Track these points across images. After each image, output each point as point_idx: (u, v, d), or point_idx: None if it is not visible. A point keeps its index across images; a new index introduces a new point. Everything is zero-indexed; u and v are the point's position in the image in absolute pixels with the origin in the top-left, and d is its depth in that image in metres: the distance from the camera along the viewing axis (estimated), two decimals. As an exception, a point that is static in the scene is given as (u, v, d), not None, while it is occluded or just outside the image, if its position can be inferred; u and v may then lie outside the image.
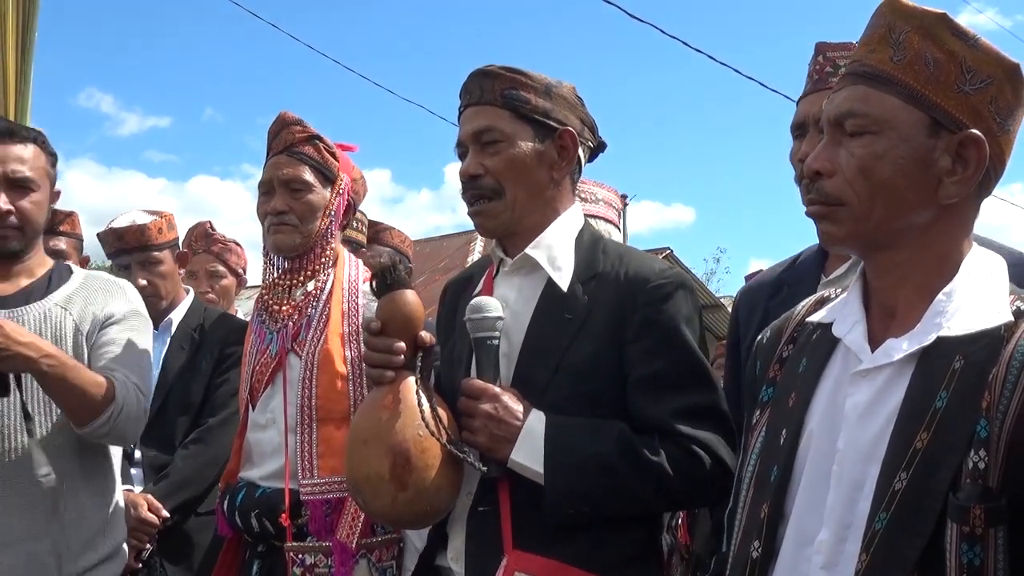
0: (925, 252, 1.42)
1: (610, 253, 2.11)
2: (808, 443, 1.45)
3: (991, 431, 1.25)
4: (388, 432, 1.93)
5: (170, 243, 3.67)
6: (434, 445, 1.93)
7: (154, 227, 3.63)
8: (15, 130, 2.59)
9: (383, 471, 1.91)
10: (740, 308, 2.42)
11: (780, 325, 1.67)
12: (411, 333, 2.01)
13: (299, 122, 2.65)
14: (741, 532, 1.53)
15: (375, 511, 2.00)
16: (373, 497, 1.95)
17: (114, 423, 2.40)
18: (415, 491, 1.92)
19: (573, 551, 1.93)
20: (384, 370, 1.99)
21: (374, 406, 2.00)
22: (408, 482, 1.91)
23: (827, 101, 1.48)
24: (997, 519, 1.22)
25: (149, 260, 3.57)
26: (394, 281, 2.02)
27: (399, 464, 1.91)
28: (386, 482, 1.91)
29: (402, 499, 1.92)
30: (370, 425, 1.97)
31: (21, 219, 2.52)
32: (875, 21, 1.46)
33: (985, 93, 1.39)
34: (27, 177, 2.53)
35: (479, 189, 2.09)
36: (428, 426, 1.93)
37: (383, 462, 1.91)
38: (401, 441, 1.92)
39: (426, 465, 1.92)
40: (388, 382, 1.99)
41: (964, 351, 1.32)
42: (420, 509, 1.95)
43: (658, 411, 1.97)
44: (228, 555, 2.64)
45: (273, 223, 2.56)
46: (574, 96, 2.17)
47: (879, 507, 1.30)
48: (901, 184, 1.39)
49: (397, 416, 1.94)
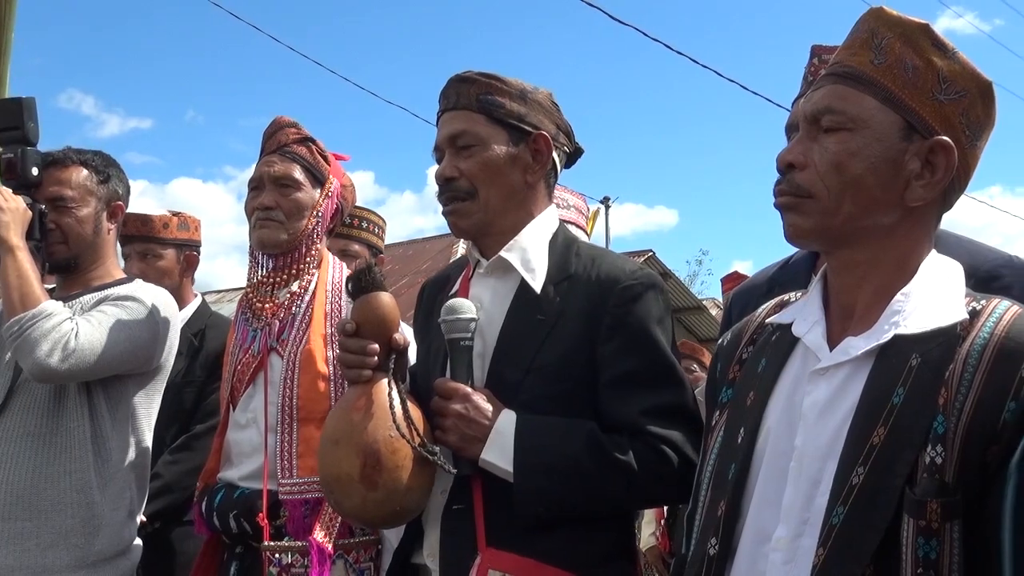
0: (887, 253, 1.43)
1: (583, 255, 2.11)
2: (766, 441, 1.45)
3: (948, 427, 1.25)
4: (359, 433, 1.93)
5: (177, 241, 3.66)
6: (405, 446, 1.93)
7: (159, 221, 3.63)
8: (60, 157, 2.78)
9: (354, 471, 1.91)
10: (732, 309, 2.43)
11: (741, 327, 1.67)
12: (385, 335, 2.01)
13: (294, 124, 2.67)
14: (699, 530, 1.53)
15: (346, 511, 2.00)
16: (344, 497, 1.95)
17: (28, 330, 2.44)
18: (385, 492, 1.92)
19: (547, 549, 1.92)
20: (359, 371, 1.99)
21: (346, 407, 2.00)
22: (378, 482, 1.91)
23: (805, 99, 1.49)
24: (953, 514, 1.23)
25: (148, 252, 3.57)
26: (369, 283, 2.02)
27: (370, 464, 1.91)
28: (356, 482, 1.91)
29: (372, 499, 1.92)
30: (342, 426, 1.97)
31: (64, 234, 2.71)
32: (859, 27, 1.48)
33: (958, 104, 1.41)
34: (66, 196, 2.72)
35: (453, 191, 2.10)
36: (399, 428, 1.93)
37: (354, 462, 1.92)
38: (372, 442, 1.92)
39: (396, 466, 1.92)
40: (362, 382, 1.99)
41: (921, 349, 1.32)
42: (390, 509, 1.95)
43: (627, 411, 1.97)
44: (206, 556, 2.62)
45: (260, 218, 2.56)
46: (550, 102, 2.19)
47: (836, 502, 1.30)
48: (871, 182, 1.40)
49: (369, 417, 1.94)
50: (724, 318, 2.47)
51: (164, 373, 2.77)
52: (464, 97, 2.11)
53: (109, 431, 2.60)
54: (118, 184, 2.81)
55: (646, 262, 18.73)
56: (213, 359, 3.41)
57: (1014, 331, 1.29)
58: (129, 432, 2.65)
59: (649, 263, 19.04)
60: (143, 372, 2.68)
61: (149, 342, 2.63)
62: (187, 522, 3.15)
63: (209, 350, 3.46)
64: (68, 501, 2.53)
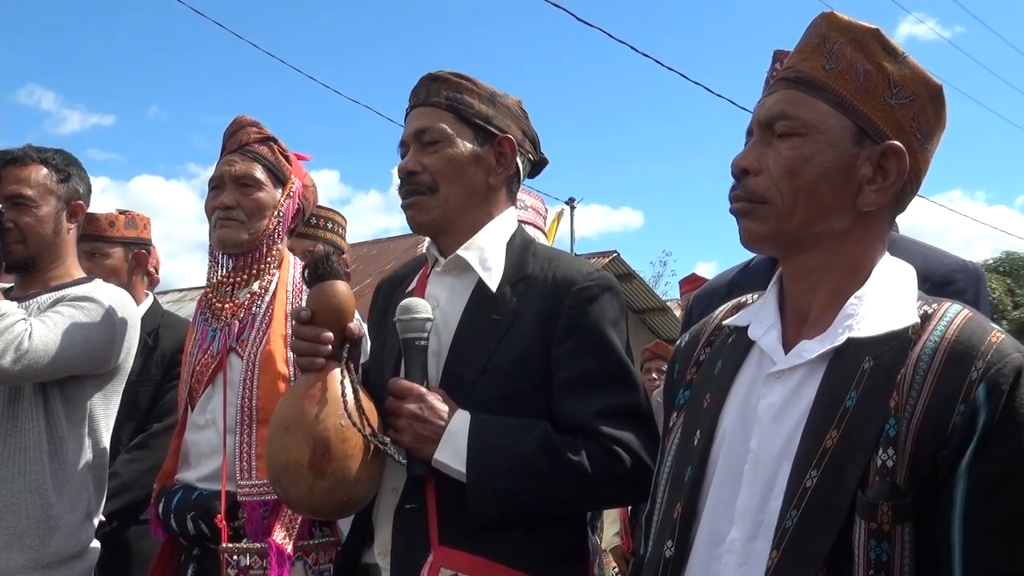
0: (840, 257, 1.43)
1: (539, 256, 2.11)
2: (721, 443, 1.45)
3: (899, 430, 1.26)
4: (310, 420, 1.91)
5: (124, 240, 3.60)
6: (355, 435, 1.92)
7: (105, 219, 3.56)
8: (20, 156, 2.74)
9: (302, 458, 1.89)
10: (693, 312, 2.44)
11: (698, 329, 1.67)
12: (340, 324, 2.00)
13: (256, 123, 2.64)
14: (656, 532, 1.53)
15: (292, 499, 1.97)
16: (291, 485, 1.92)
17: None
18: (333, 480, 1.90)
19: (500, 548, 1.92)
20: (312, 358, 1.98)
21: (298, 394, 1.98)
22: (327, 470, 1.89)
23: (759, 104, 1.49)
24: (904, 516, 1.23)
25: (95, 251, 3.51)
26: (326, 271, 2.01)
27: (319, 452, 1.89)
28: (304, 469, 1.89)
29: (320, 487, 1.90)
30: (292, 412, 1.95)
31: (22, 234, 2.69)
32: (810, 31, 1.48)
33: (909, 109, 1.42)
34: (25, 195, 2.69)
35: (414, 185, 2.09)
36: (351, 416, 1.91)
37: (303, 449, 1.90)
38: (322, 429, 1.90)
39: (346, 455, 1.90)
40: (315, 371, 1.98)
41: (874, 352, 1.33)
42: (338, 499, 1.93)
43: (582, 411, 1.97)
44: (162, 559, 2.58)
45: (220, 218, 2.52)
46: (519, 109, 2.19)
47: (790, 505, 1.30)
48: (824, 187, 1.40)
49: (320, 405, 1.93)
50: (684, 320, 2.48)
51: (123, 374, 2.73)
52: (434, 94, 2.12)
53: (66, 432, 2.56)
54: (79, 183, 2.77)
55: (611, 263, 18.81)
56: (169, 357, 3.37)
57: (964, 335, 1.30)
58: (86, 433, 2.61)
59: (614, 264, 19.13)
60: (101, 373, 2.64)
61: (106, 343, 2.59)
62: (144, 521, 3.08)
63: (164, 349, 3.42)
64: (23, 503, 2.48)
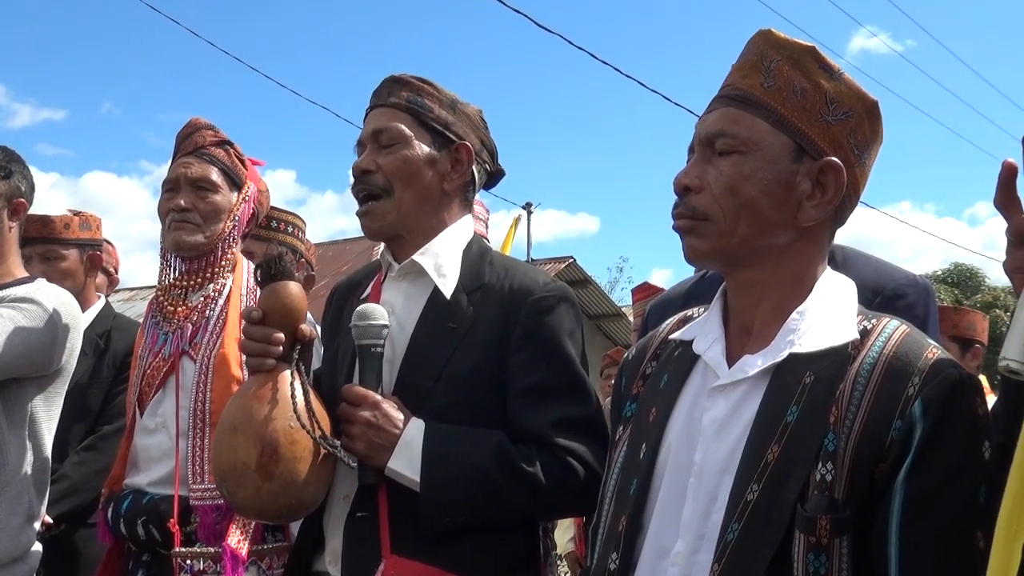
0: (782, 272, 1.44)
1: (496, 265, 2.10)
2: (667, 457, 1.45)
3: (838, 445, 1.27)
4: (258, 421, 1.87)
5: (79, 242, 3.52)
6: (305, 438, 1.88)
7: (60, 221, 3.49)
8: None
9: (250, 460, 1.85)
10: (649, 321, 2.44)
11: (646, 342, 1.67)
12: (291, 325, 1.97)
13: (211, 127, 2.61)
14: (601, 545, 1.52)
15: (239, 502, 1.92)
16: (237, 486, 1.88)
17: None
18: (281, 483, 1.86)
19: (452, 557, 1.90)
20: (262, 359, 1.95)
21: (247, 395, 1.94)
22: (274, 473, 1.85)
23: (700, 121, 1.49)
24: (842, 529, 1.24)
25: (50, 254, 3.43)
26: (278, 271, 1.98)
27: (267, 454, 1.85)
28: (252, 472, 1.85)
29: (267, 490, 1.86)
30: (241, 413, 1.91)
31: None
32: (749, 49, 1.49)
33: (845, 124, 1.43)
34: None
35: (368, 185, 2.07)
36: (300, 419, 1.88)
37: (251, 451, 1.86)
38: (271, 431, 1.86)
39: (294, 457, 1.87)
40: (265, 372, 1.94)
41: (814, 367, 1.33)
42: (285, 502, 1.89)
43: (536, 421, 1.96)
44: (109, 564, 2.54)
45: (175, 219, 2.49)
46: (479, 118, 2.18)
47: (732, 518, 1.30)
48: (764, 204, 1.41)
49: (269, 406, 1.89)
50: (640, 329, 2.48)
51: (65, 376, 2.66)
52: (395, 96, 2.10)
53: (6, 435, 2.49)
54: (21, 181, 2.68)
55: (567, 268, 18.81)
56: (120, 359, 3.32)
57: (901, 351, 1.31)
58: (27, 436, 2.54)
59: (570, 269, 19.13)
60: (42, 375, 2.57)
61: (47, 345, 2.52)
62: (92, 524, 3.03)
63: (116, 350, 3.36)
64: None
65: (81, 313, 2.73)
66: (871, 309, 1.47)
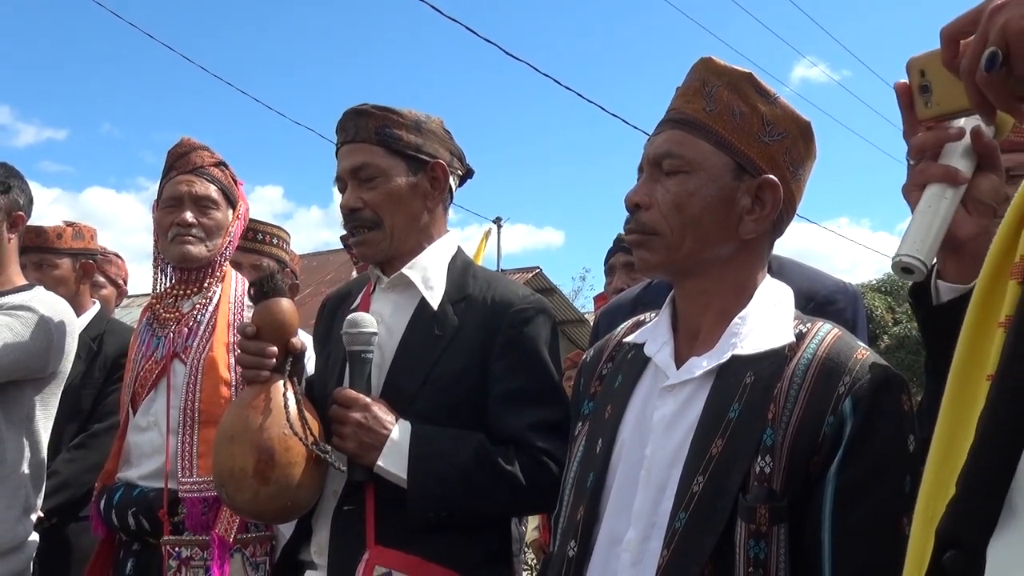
0: (725, 281, 1.45)
1: (479, 278, 2.10)
2: (620, 451, 1.45)
3: (775, 439, 1.27)
4: (254, 430, 1.88)
5: (72, 251, 3.47)
6: (298, 444, 1.89)
7: (53, 231, 3.45)
8: None
9: (247, 466, 1.86)
10: (600, 327, 2.45)
11: (602, 345, 1.67)
12: (283, 339, 1.98)
13: (206, 147, 2.60)
14: (561, 533, 1.52)
15: (238, 505, 1.93)
16: (236, 491, 1.89)
17: None
18: (277, 487, 1.87)
19: (433, 548, 1.89)
20: (256, 371, 1.95)
21: (243, 405, 1.95)
22: (271, 478, 1.86)
23: (648, 142, 1.50)
24: (780, 518, 1.24)
25: (43, 262, 3.38)
26: (271, 289, 1.98)
27: (263, 460, 1.86)
28: (249, 477, 1.86)
29: (264, 494, 1.87)
30: (238, 423, 1.91)
31: None
32: (692, 75, 1.49)
33: (781, 144, 1.44)
34: None
35: (359, 221, 2.05)
36: (293, 426, 1.88)
37: (248, 458, 1.86)
38: (266, 439, 1.87)
39: (289, 462, 1.87)
40: (259, 383, 1.94)
41: (754, 368, 1.34)
42: (281, 504, 1.90)
43: (515, 424, 1.96)
44: (100, 555, 2.51)
45: (181, 233, 2.49)
46: (442, 130, 2.16)
47: (679, 508, 1.31)
48: (708, 219, 1.41)
49: (264, 415, 1.89)
50: (592, 335, 2.49)
51: (61, 378, 2.64)
52: (363, 130, 2.06)
53: (4, 433, 2.46)
54: (19, 195, 2.65)
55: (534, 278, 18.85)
56: (112, 361, 3.29)
57: (833, 352, 1.32)
58: (24, 434, 2.52)
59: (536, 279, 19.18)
60: (38, 378, 2.54)
61: (43, 350, 2.50)
62: (83, 517, 3.03)
63: (108, 353, 3.33)
64: None
65: (76, 319, 2.71)
66: (804, 314, 1.48)
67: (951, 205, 1.16)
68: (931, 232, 1.14)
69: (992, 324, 0.85)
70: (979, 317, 0.87)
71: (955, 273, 1.20)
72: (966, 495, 0.80)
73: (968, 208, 1.18)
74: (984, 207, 1.19)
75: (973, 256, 1.16)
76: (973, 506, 0.79)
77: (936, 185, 1.16)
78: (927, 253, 1.14)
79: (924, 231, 1.14)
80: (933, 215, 1.15)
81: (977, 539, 0.78)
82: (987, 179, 1.18)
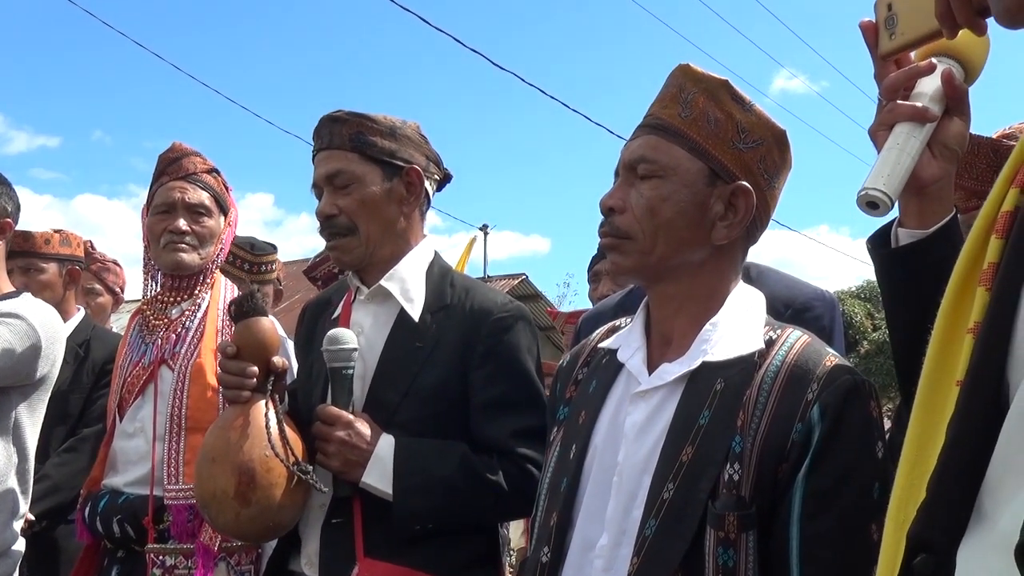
0: (698, 286, 1.42)
1: (457, 286, 2.06)
2: (593, 457, 1.42)
3: (744, 447, 1.25)
4: (236, 452, 1.84)
5: (59, 257, 3.45)
6: (279, 465, 1.85)
7: (40, 237, 3.42)
8: None
9: (229, 488, 1.82)
10: (582, 332, 2.42)
11: (578, 350, 1.65)
12: (264, 358, 1.93)
13: (198, 153, 2.56)
14: (535, 538, 1.50)
15: (220, 526, 1.90)
16: (218, 513, 1.85)
17: None
18: (258, 508, 1.83)
19: (422, 556, 1.87)
20: (238, 391, 1.91)
21: (224, 426, 1.90)
22: (252, 499, 1.82)
23: (624, 147, 1.48)
24: (748, 525, 1.22)
25: (30, 267, 3.36)
26: (251, 308, 1.94)
27: (244, 482, 1.82)
28: (231, 499, 1.82)
29: (246, 515, 1.83)
30: (219, 444, 1.87)
31: None
32: (669, 82, 1.48)
33: (756, 152, 1.42)
34: None
35: (335, 227, 2.02)
36: (275, 447, 1.85)
37: (229, 480, 1.82)
38: (247, 460, 1.83)
39: (270, 484, 1.83)
40: (240, 403, 1.91)
41: (724, 375, 1.32)
42: (263, 525, 1.87)
43: (497, 432, 1.94)
44: (84, 562, 2.46)
45: (174, 241, 2.44)
46: (418, 135, 2.12)
47: (649, 515, 1.28)
48: (680, 224, 1.39)
49: (245, 437, 1.85)
50: (573, 340, 2.47)
51: (48, 384, 2.60)
52: (338, 137, 2.03)
53: None
54: (7, 202, 2.61)
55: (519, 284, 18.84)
56: (99, 367, 3.26)
57: (801, 359, 1.30)
58: (11, 439, 2.48)
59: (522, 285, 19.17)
60: (25, 384, 2.50)
61: (30, 357, 2.45)
62: (72, 521, 2.95)
63: (95, 358, 3.30)
64: None
65: (63, 325, 2.67)
66: (782, 321, 1.46)
67: (919, 144, 1.15)
68: (898, 168, 1.13)
69: (961, 330, 0.84)
70: (948, 323, 0.86)
71: (916, 216, 1.20)
72: (936, 499, 0.79)
73: (933, 151, 1.18)
74: (949, 152, 1.19)
75: (935, 199, 1.18)
76: (943, 510, 0.78)
77: (905, 124, 1.15)
78: (894, 188, 1.12)
79: (891, 167, 1.13)
80: (900, 151, 1.14)
81: (947, 543, 0.77)
82: (954, 123, 1.18)
